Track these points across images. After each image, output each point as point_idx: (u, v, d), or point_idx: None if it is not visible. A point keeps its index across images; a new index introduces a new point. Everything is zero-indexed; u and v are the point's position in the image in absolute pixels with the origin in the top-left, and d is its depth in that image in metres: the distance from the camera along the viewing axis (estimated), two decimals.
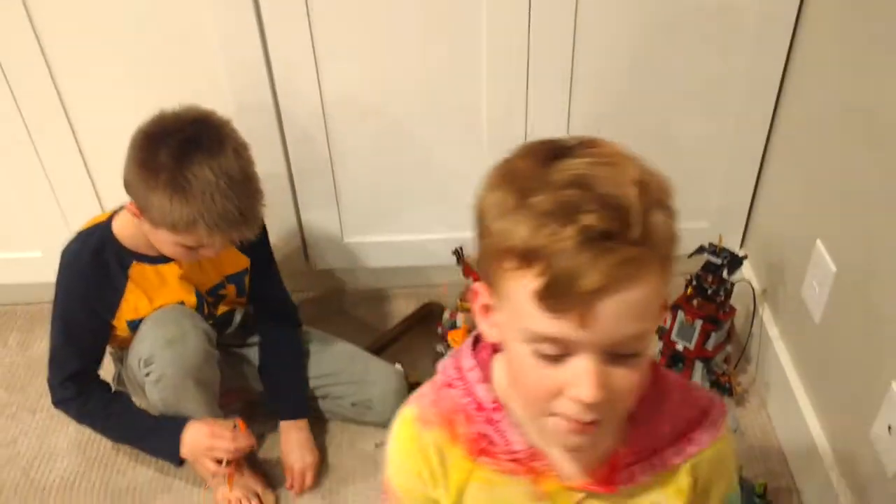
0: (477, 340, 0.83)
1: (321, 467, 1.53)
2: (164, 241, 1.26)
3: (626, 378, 0.68)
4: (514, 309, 0.67)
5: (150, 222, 1.24)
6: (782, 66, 1.49)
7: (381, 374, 1.57)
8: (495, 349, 0.81)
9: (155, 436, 1.41)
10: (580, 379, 0.66)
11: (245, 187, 1.22)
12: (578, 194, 0.63)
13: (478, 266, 0.72)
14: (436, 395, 0.82)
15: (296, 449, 1.50)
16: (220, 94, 1.45)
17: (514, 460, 0.79)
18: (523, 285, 0.65)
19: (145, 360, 1.35)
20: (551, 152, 0.68)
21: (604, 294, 0.62)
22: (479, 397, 0.79)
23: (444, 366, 0.83)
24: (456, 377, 0.81)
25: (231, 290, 1.47)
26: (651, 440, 0.79)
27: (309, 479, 1.49)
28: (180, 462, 1.42)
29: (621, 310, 0.64)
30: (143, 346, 1.35)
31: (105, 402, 1.42)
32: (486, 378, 0.80)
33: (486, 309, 0.74)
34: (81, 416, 1.44)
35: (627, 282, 0.63)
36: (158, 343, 1.34)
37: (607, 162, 0.66)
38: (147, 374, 1.36)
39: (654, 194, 0.66)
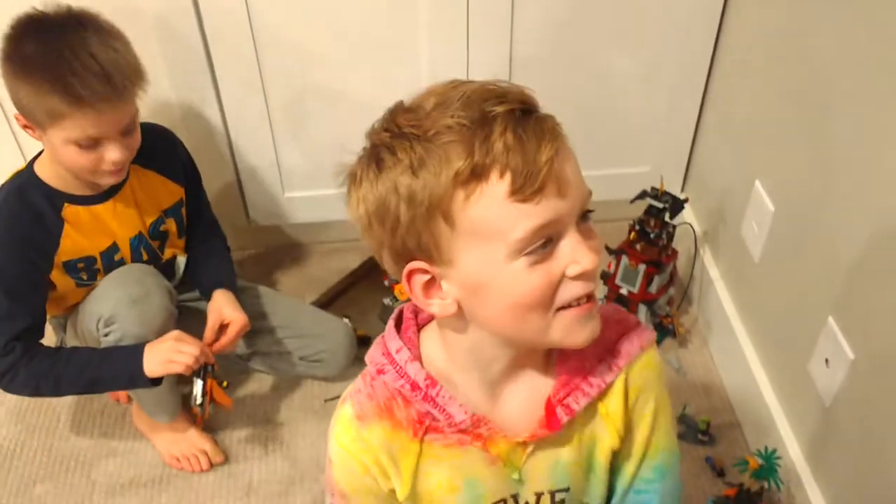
0: (399, 322, 0.83)
1: (273, 425, 1.53)
2: (59, 143, 1.20)
3: (597, 239, 0.72)
4: (489, 233, 0.67)
5: (36, 125, 1.19)
6: (721, 4, 1.49)
7: (330, 327, 1.55)
8: (419, 326, 0.82)
9: (112, 360, 1.31)
10: (577, 251, 0.68)
11: (109, 50, 1.17)
12: (479, 93, 0.67)
13: (402, 249, 0.72)
14: (369, 386, 0.82)
15: (231, 305, 1.42)
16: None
17: (459, 431, 0.80)
18: (491, 198, 0.66)
19: (106, 320, 1.30)
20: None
21: (557, 155, 0.66)
22: (413, 377, 0.79)
23: (372, 355, 0.83)
24: (386, 362, 0.81)
25: (171, 225, 1.43)
26: (579, 367, 0.80)
27: (232, 337, 1.40)
28: (147, 380, 1.30)
29: (573, 164, 0.68)
30: (105, 305, 1.31)
31: (51, 351, 1.33)
32: (416, 357, 0.80)
33: (429, 286, 0.73)
34: (29, 379, 1.30)
35: (560, 137, 0.68)
36: (123, 302, 1.29)
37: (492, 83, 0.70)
38: (107, 335, 1.31)
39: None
